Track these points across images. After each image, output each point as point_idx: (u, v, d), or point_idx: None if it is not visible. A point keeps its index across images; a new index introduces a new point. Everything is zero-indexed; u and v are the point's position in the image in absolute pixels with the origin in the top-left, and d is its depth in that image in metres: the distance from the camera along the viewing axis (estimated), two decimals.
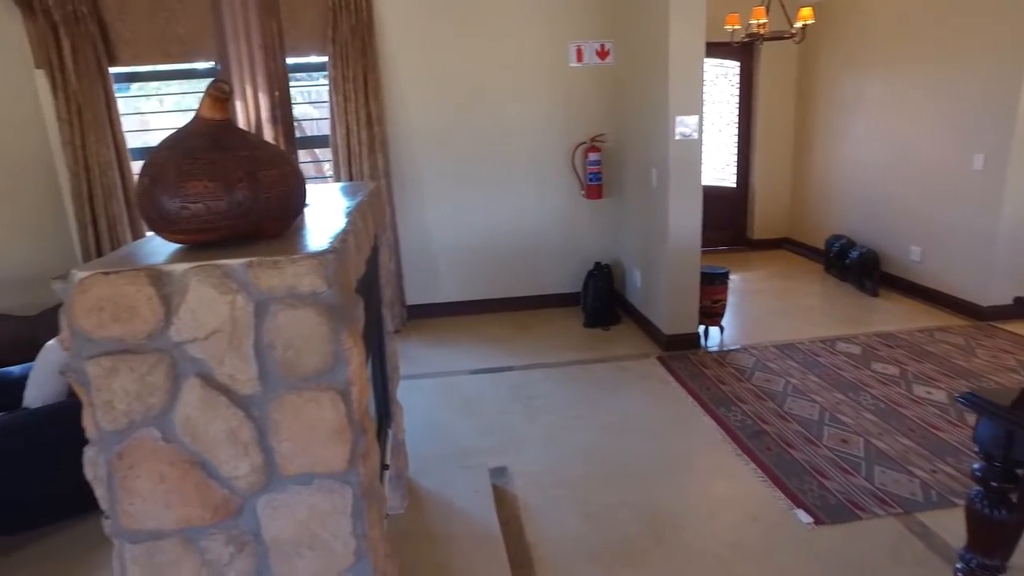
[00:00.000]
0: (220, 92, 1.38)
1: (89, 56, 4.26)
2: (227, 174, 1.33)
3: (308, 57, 4.59)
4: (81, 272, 1.26)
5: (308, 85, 4.96)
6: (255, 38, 1.81)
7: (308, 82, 4.93)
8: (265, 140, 1.50)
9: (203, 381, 1.31)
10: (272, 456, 1.37)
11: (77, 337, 1.27)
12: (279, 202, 1.40)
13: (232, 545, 1.43)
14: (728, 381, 3.77)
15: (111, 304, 1.25)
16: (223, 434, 1.34)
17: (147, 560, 1.41)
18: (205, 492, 1.38)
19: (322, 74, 4.64)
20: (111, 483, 1.36)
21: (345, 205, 1.89)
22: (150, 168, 1.35)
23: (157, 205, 1.32)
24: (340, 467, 1.39)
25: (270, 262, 1.27)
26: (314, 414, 1.35)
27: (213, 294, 1.27)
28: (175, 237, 1.36)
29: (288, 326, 1.29)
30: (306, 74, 4.87)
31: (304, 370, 1.32)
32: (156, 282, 1.26)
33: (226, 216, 1.33)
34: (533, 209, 4.98)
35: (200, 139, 1.38)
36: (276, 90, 1.84)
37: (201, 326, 1.28)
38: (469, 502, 2.69)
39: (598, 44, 4.75)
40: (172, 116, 4.93)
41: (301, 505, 1.41)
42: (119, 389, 1.29)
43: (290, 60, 4.45)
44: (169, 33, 4.45)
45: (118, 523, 1.38)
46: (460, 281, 5.04)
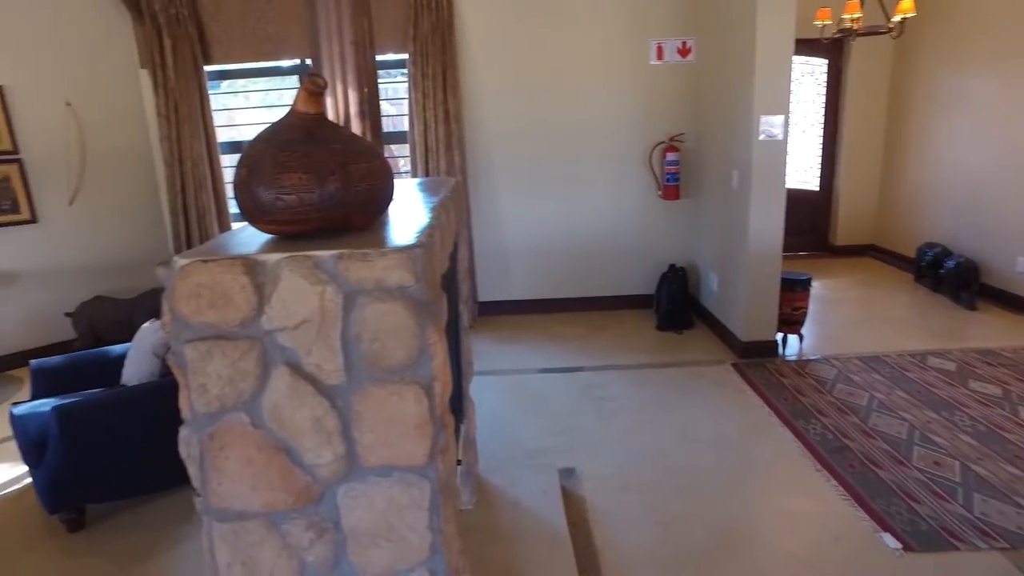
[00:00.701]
0: (315, 86, 1.41)
1: (187, 55, 4.48)
2: (320, 167, 1.35)
3: (386, 55, 4.68)
4: (182, 259, 1.30)
5: (385, 82, 5.06)
6: (347, 35, 1.85)
7: (386, 79, 5.03)
8: (356, 134, 1.52)
9: (291, 370, 1.33)
10: (354, 447, 1.38)
11: (176, 321, 1.32)
12: (368, 195, 1.41)
13: (312, 531, 1.45)
14: (807, 392, 3.60)
15: (208, 291, 1.29)
16: (308, 422, 1.36)
17: (233, 539, 1.46)
18: (289, 478, 1.41)
19: (400, 71, 4.71)
20: (203, 463, 1.40)
21: (428, 200, 1.90)
22: (247, 160, 1.39)
23: (253, 196, 1.35)
24: (420, 461, 1.39)
25: (359, 255, 1.28)
26: (397, 407, 1.35)
27: (304, 284, 1.29)
28: (268, 227, 1.40)
29: (375, 319, 1.30)
30: (384, 71, 4.97)
31: (389, 363, 1.33)
32: (250, 271, 1.29)
33: (318, 208, 1.35)
34: (608, 209, 4.91)
35: (295, 132, 1.40)
36: (365, 86, 1.87)
37: (291, 315, 1.30)
38: (537, 502, 2.67)
39: (679, 42, 4.63)
40: (258, 112, 5.13)
41: (380, 496, 1.42)
42: (213, 373, 1.33)
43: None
44: (259, 32, 4.63)
45: (208, 501, 1.43)
46: (532, 279, 5.03)
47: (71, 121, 4.42)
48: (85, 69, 4.46)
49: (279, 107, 5.02)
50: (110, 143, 4.60)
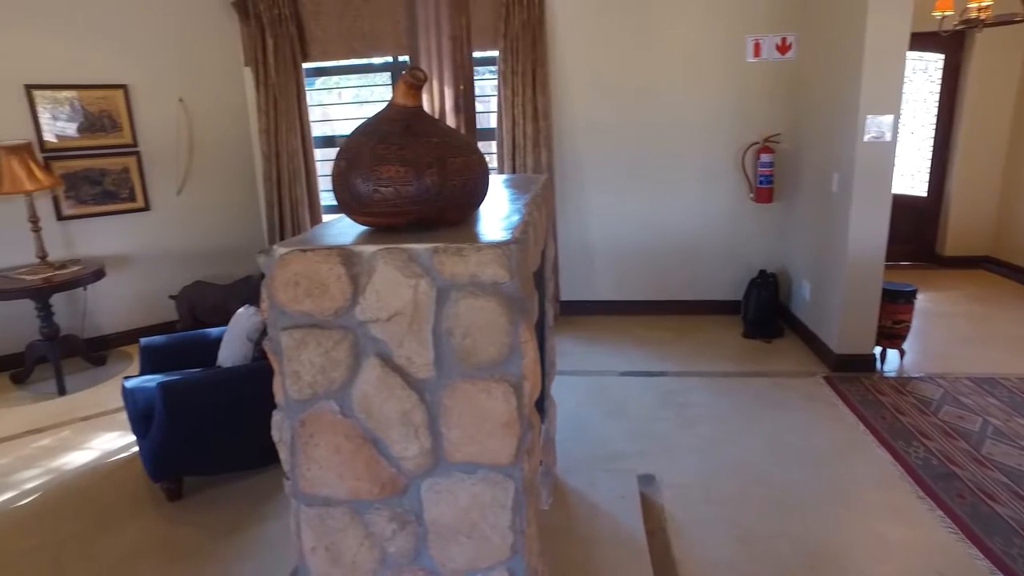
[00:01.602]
0: (415, 79, 1.41)
1: (287, 53, 4.66)
2: (418, 160, 1.35)
3: (477, 52, 4.71)
4: (282, 248, 1.34)
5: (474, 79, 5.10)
6: (445, 30, 1.85)
7: (475, 76, 5.06)
8: (453, 128, 1.51)
9: (382, 361, 1.34)
10: (440, 441, 1.38)
11: (274, 308, 1.36)
12: (464, 190, 1.40)
13: (395, 522, 1.46)
14: (908, 412, 3.36)
15: (305, 280, 1.32)
16: (396, 414, 1.37)
17: (318, 523, 1.49)
18: (375, 468, 1.42)
19: (488, 69, 4.73)
20: (293, 448, 1.44)
21: (517, 197, 1.88)
22: (346, 152, 1.41)
23: (351, 187, 1.37)
24: (506, 460, 1.38)
25: (454, 249, 1.27)
26: (485, 404, 1.34)
27: (398, 277, 1.29)
28: (364, 219, 1.41)
29: (467, 314, 1.29)
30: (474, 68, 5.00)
31: (479, 359, 1.31)
32: (346, 261, 1.31)
33: (414, 201, 1.35)
34: (696, 210, 4.75)
35: (393, 125, 1.41)
36: (461, 82, 1.87)
37: (384, 307, 1.31)
38: (615, 506, 2.61)
39: (779, 38, 4.41)
40: (349, 108, 5.28)
41: (463, 493, 1.41)
42: (306, 361, 1.36)
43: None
44: (355, 30, 4.76)
45: (296, 486, 1.47)
46: (615, 280, 4.94)
47: (182, 116, 4.69)
48: (196, 68, 4.72)
49: (369, 103, 5.17)
50: (215, 137, 4.86)
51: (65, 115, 4.32)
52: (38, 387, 4.06)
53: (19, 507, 2.83)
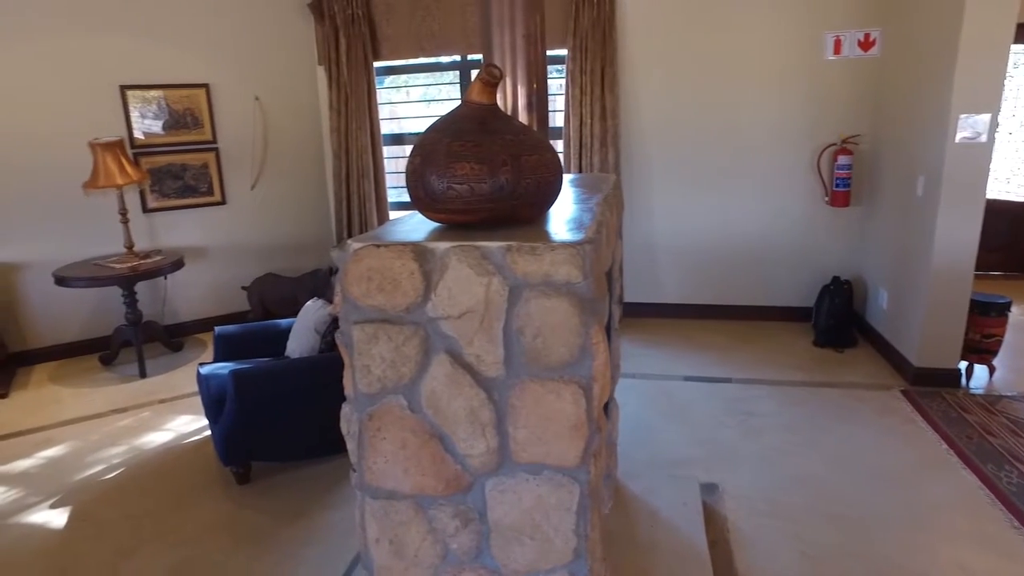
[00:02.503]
0: (491, 76, 1.40)
1: (359, 53, 4.76)
2: (492, 157, 1.35)
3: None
4: (355, 243, 1.35)
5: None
6: (519, 28, 1.84)
7: None
8: (527, 126, 1.50)
9: (451, 358, 1.34)
10: (507, 441, 1.37)
11: (347, 302, 1.38)
12: (538, 188, 1.39)
13: (458, 519, 1.46)
14: (999, 433, 3.15)
15: (378, 275, 1.33)
16: (464, 412, 1.37)
17: (383, 516, 1.50)
18: (440, 465, 1.42)
19: (555, 67, 4.70)
20: (361, 440, 1.46)
21: (587, 197, 1.85)
22: (421, 148, 1.42)
23: (425, 184, 1.38)
24: (572, 462, 1.36)
25: (528, 247, 1.26)
26: (554, 405, 1.32)
27: (470, 274, 1.29)
28: (437, 216, 1.42)
29: (539, 314, 1.28)
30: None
31: (549, 360, 1.30)
32: (419, 257, 1.31)
33: (488, 199, 1.35)
34: (767, 213, 4.60)
35: (468, 122, 1.41)
36: (534, 81, 1.86)
37: (456, 304, 1.31)
38: (676, 513, 2.54)
39: (861, 33, 4.21)
40: (415, 106, 5.35)
41: (528, 493, 1.40)
42: (377, 355, 1.37)
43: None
44: (424, 30, 4.82)
45: (363, 478, 1.49)
46: (679, 283, 4.84)
47: (258, 114, 4.86)
48: (272, 67, 4.89)
49: (436, 102, 5.22)
50: (287, 134, 5.01)
51: (152, 113, 4.54)
52: (122, 369, 4.28)
53: (106, 480, 2.99)
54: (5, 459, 3.23)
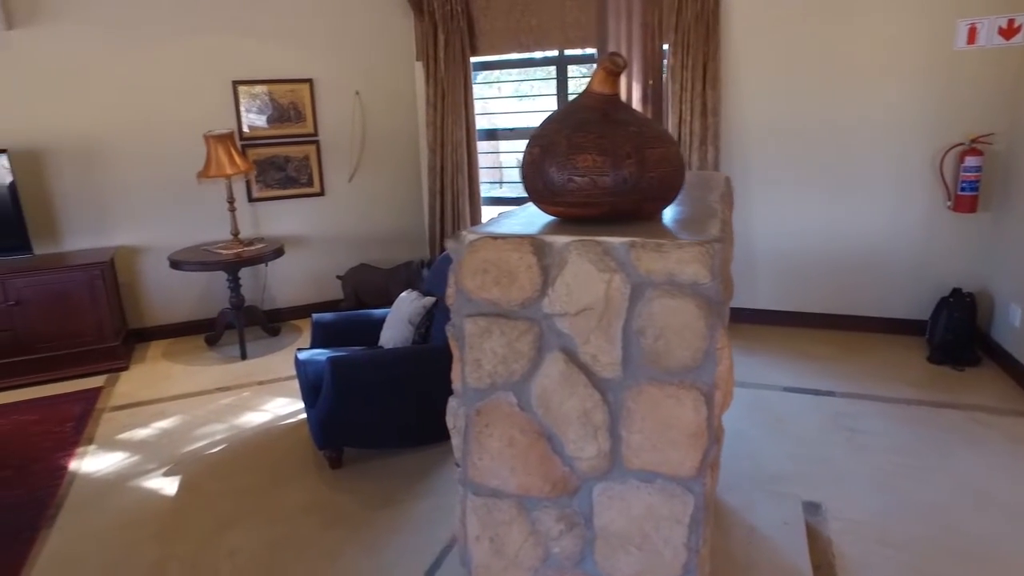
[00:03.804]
0: (614, 65, 1.35)
1: (456, 48, 4.80)
2: (616, 149, 1.29)
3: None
4: (471, 234, 1.33)
5: None
6: (636, 17, 1.77)
7: None
8: (649, 118, 1.43)
9: (566, 356, 1.30)
10: (619, 445, 1.32)
11: (460, 295, 1.35)
12: (661, 182, 1.32)
13: (562, 523, 1.42)
14: None
15: (495, 267, 1.30)
16: (576, 413, 1.32)
17: (485, 514, 1.48)
18: (548, 465, 1.38)
19: None
20: (467, 436, 1.43)
21: (705, 194, 1.76)
22: (540, 139, 1.38)
23: (544, 176, 1.33)
24: (688, 472, 1.28)
25: (653, 244, 1.20)
26: (672, 411, 1.25)
27: (591, 270, 1.24)
28: (554, 209, 1.37)
29: (662, 314, 1.21)
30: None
31: (670, 363, 1.23)
32: (538, 251, 1.27)
33: (610, 192, 1.29)
34: (880, 217, 4.30)
35: (590, 113, 1.36)
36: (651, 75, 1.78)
37: (574, 301, 1.26)
38: (776, 532, 2.40)
39: (1004, 19, 3.85)
40: (508, 102, 5.34)
41: (638, 502, 1.34)
42: (488, 350, 1.35)
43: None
44: (522, 24, 4.79)
45: (467, 473, 1.46)
46: (779, 288, 4.61)
47: (357, 108, 5.00)
48: (371, 63, 5.01)
49: (529, 97, 5.19)
50: (385, 128, 5.13)
51: (259, 107, 4.74)
52: (225, 350, 4.51)
53: (210, 454, 3.15)
54: (126, 427, 3.46)
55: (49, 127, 4.27)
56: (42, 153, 4.28)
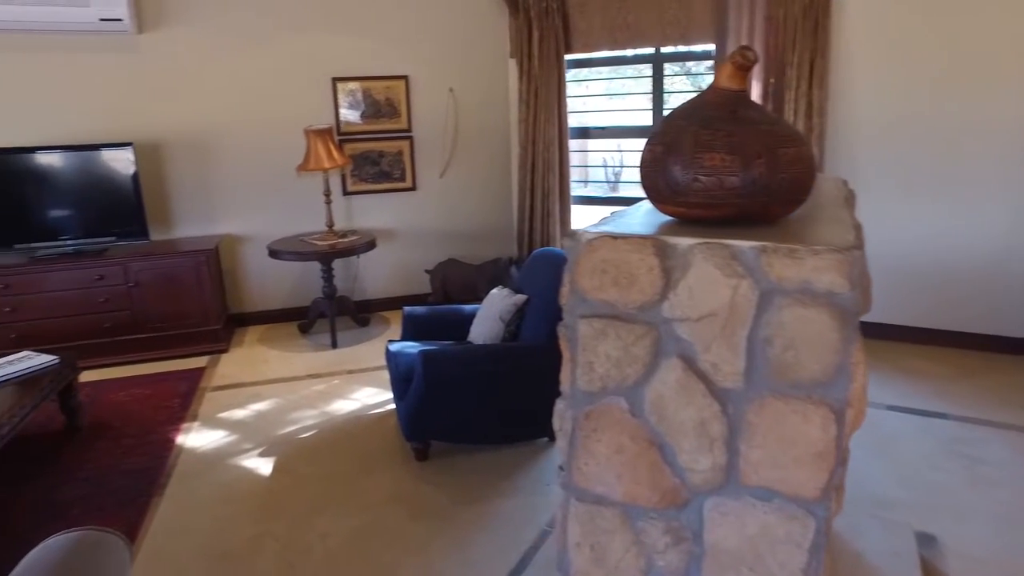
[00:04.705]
0: (744, 59, 1.28)
1: (551, 45, 4.77)
2: (746, 148, 1.23)
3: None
4: (589, 232, 1.30)
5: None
6: (760, 9, 1.68)
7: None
8: (780, 117, 1.35)
9: (684, 364, 1.25)
10: (736, 459, 1.25)
11: (574, 294, 1.32)
12: (793, 184, 1.25)
13: (669, 536, 1.37)
14: None
15: (614, 268, 1.26)
16: (691, 423, 1.26)
17: (587, 520, 1.44)
18: (657, 475, 1.33)
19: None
20: (573, 439, 1.40)
21: (832, 198, 1.66)
22: (663, 137, 1.33)
23: (667, 175, 1.28)
24: (811, 494, 1.20)
25: (786, 250, 1.13)
26: (797, 428, 1.18)
27: (716, 275, 1.18)
28: (675, 210, 1.32)
29: (792, 324, 1.14)
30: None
31: (799, 376, 1.16)
32: (661, 253, 1.23)
33: (737, 193, 1.23)
34: (997, 228, 3.96)
35: (718, 109, 1.30)
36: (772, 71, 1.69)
37: (696, 306, 1.21)
38: (885, 562, 2.25)
39: None
40: (598, 100, 5.27)
41: (753, 520, 1.27)
42: (602, 353, 1.31)
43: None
44: (619, 21, 4.71)
45: (570, 478, 1.43)
46: (886, 300, 4.30)
47: (451, 105, 5.06)
48: (465, 60, 5.06)
49: (619, 96, 5.12)
50: (477, 125, 5.17)
51: (355, 103, 4.88)
52: (317, 338, 4.67)
53: (302, 438, 3.26)
54: (225, 407, 3.64)
55: (167, 122, 4.55)
56: (160, 146, 4.56)
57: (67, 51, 4.30)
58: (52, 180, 4.24)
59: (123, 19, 4.15)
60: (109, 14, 4.13)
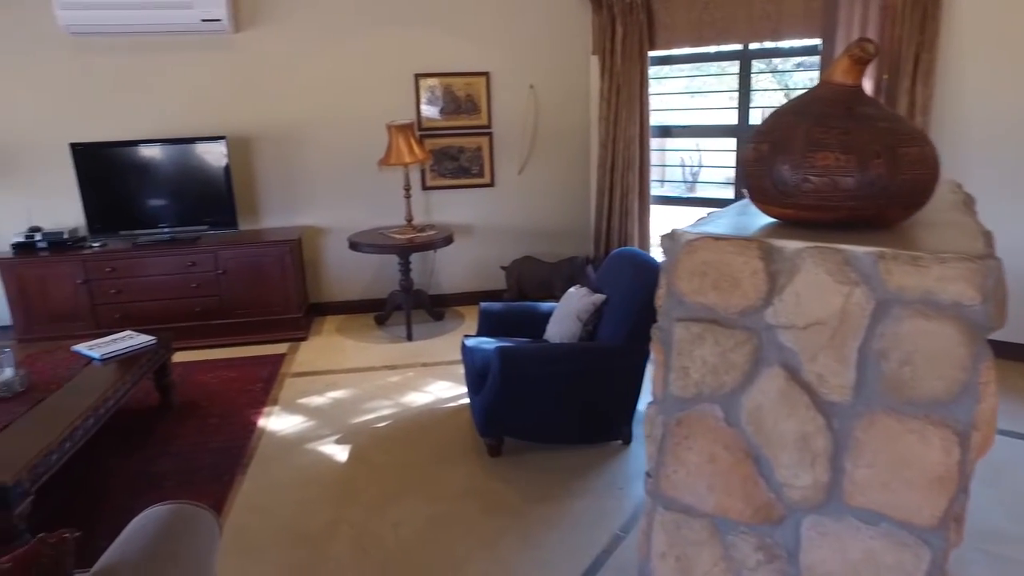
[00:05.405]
0: (864, 52, 1.20)
1: (634, 42, 4.68)
2: (863, 147, 1.15)
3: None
4: (689, 233, 1.25)
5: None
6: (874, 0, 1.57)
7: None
8: (899, 114, 1.26)
9: (787, 373, 1.18)
10: (840, 478, 1.18)
11: (671, 296, 1.28)
12: (914, 186, 1.16)
13: (761, 553, 1.30)
14: None
15: (715, 270, 1.21)
16: (792, 436, 1.20)
17: (673, 530, 1.40)
18: (751, 488, 1.27)
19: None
20: (663, 446, 1.36)
21: (938, 201, 1.54)
22: (769, 135, 1.26)
23: (774, 174, 1.22)
24: (927, 521, 1.12)
25: (908, 257, 1.05)
26: (913, 449, 1.10)
27: (827, 281, 1.11)
28: (781, 211, 1.26)
29: (912, 337, 1.06)
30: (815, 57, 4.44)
31: (917, 394, 1.08)
32: (766, 256, 1.17)
33: (851, 195, 1.15)
34: None
35: (832, 105, 1.22)
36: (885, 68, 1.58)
37: (803, 313, 1.14)
38: None
39: None
40: (679, 98, 5.14)
41: (856, 544, 1.19)
42: (699, 358, 1.26)
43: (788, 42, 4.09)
44: (705, 18, 4.57)
45: (658, 485, 1.39)
46: None
47: (531, 101, 5.05)
48: (546, 56, 5.03)
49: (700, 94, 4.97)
50: (556, 122, 5.14)
51: (435, 99, 4.94)
52: (392, 330, 4.76)
53: (377, 428, 3.33)
54: (304, 393, 3.76)
55: (257, 116, 4.74)
56: (250, 140, 4.76)
57: (170, 51, 4.55)
58: (152, 171, 4.50)
59: (222, 19, 4.35)
60: (210, 15, 4.33)
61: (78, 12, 4.20)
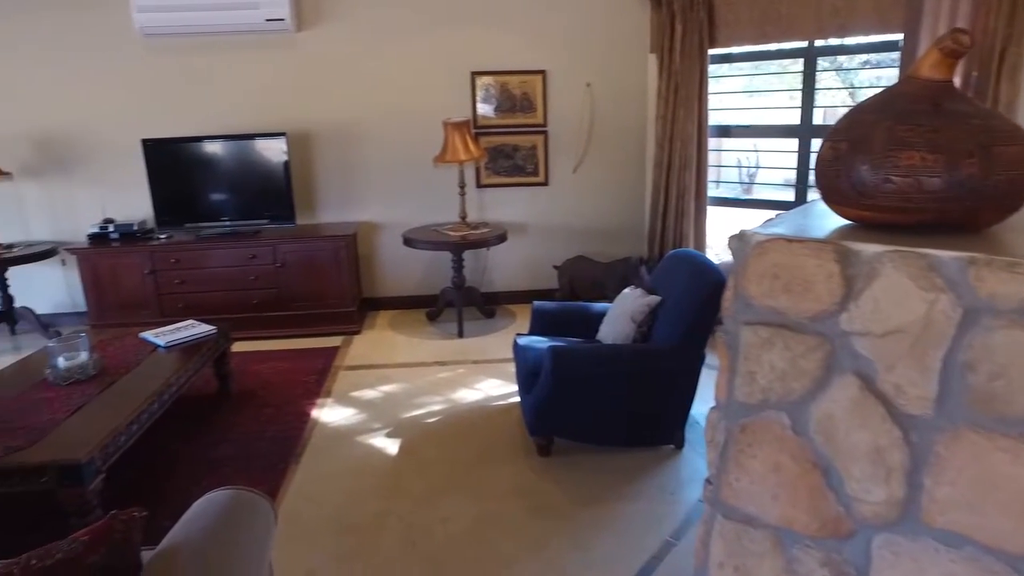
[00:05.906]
0: (958, 45, 1.13)
1: (694, 39, 4.58)
2: (953, 146, 1.08)
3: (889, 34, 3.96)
4: (759, 234, 1.20)
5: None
6: None
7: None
8: (994, 111, 1.19)
9: (861, 382, 1.12)
10: (918, 495, 1.11)
11: (739, 299, 1.24)
12: (1010, 188, 1.09)
13: (827, 569, 1.25)
14: None
15: (786, 273, 1.16)
16: (865, 448, 1.14)
17: (733, 539, 1.35)
18: (819, 501, 1.22)
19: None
20: (725, 452, 1.32)
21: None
22: (848, 132, 1.20)
23: (853, 174, 1.16)
24: (1019, 549, 1.05)
25: (1003, 263, 0.98)
26: (1003, 468, 1.03)
27: (909, 287, 1.05)
28: (858, 213, 1.20)
29: (1005, 349, 0.99)
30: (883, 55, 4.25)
31: (1009, 410, 1.01)
32: (842, 259, 1.11)
33: (937, 197, 1.09)
34: None
35: (916, 102, 1.16)
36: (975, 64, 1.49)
37: (881, 320, 1.09)
38: None
39: None
40: (737, 97, 5.01)
41: (935, 567, 1.13)
42: (767, 363, 1.21)
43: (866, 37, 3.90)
44: (770, 13, 4.44)
45: (718, 492, 1.35)
46: None
47: (587, 100, 5.00)
48: (604, 55, 4.98)
49: (760, 92, 4.81)
50: (612, 120, 5.08)
51: (493, 97, 4.95)
52: (444, 327, 4.80)
53: (427, 423, 3.35)
54: (357, 386, 3.83)
55: (316, 113, 4.84)
56: (309, 136, 4.87)
57: (235, 50, 4.69)
58: (216, 166, 4.65)
59: (285, 19, 4.46)
60: (274, 15, 4.45)
61: (153, 15, 4.38)
